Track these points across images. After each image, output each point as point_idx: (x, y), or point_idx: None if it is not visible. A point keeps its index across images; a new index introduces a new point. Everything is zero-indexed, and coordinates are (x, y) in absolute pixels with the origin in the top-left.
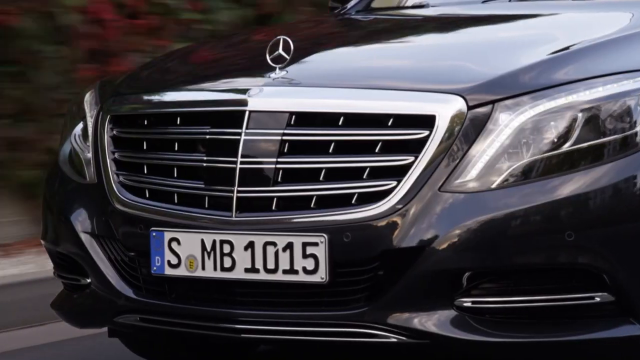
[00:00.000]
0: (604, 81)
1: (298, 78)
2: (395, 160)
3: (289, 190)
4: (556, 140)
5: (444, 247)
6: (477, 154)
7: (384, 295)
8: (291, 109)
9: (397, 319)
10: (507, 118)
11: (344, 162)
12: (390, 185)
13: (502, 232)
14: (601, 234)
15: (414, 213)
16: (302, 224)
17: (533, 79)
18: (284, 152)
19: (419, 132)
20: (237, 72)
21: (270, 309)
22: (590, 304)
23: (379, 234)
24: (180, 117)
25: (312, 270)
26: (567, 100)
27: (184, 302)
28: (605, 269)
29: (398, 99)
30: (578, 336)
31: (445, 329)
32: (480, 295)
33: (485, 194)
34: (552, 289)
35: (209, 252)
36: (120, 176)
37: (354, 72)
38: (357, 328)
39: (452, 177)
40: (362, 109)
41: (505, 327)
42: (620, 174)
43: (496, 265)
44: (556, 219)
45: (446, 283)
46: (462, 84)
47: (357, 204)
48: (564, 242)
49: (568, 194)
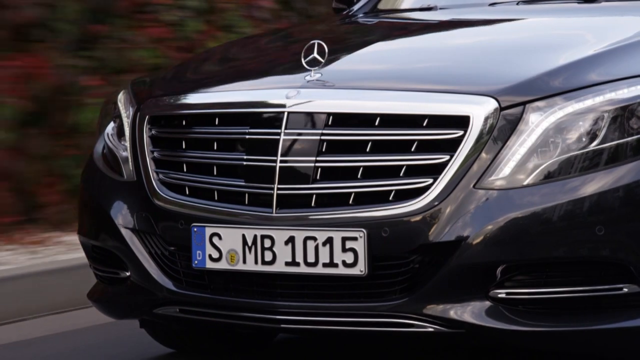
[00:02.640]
0: (628, 83)
1: (333, 80)
2: (431, 158)
3: (328, 188)
4: (584, 139)
5: (478, 241)
6: (509, 152)
7: (420, 287)
8: (328, 110)
9: (433, 309)
10: (538, 118)
11: (381, 161)
12: (427, 182)
13: (533, 227)
14: (628, 228)
15: (449, 209)
16: (342, 220)
17: (562, 81)
18: (323, 151)
19: (454, 132)
20: (273, 74)
21: (309, 300)
22: (617, 294)
23: (416, 229)
24: (219, 118)
25: (351, 264)
26: (594, 101)
27: (223, 294)
28: (632, 261)
29: (433, 101)
30: (606, 325)
31: (480, 319)
32: (513, 287)
33: (517, 191)
34: (581, 281)
35: (250, 247)
36: (159, 174)
37: (386, 75)
38: (394, 318)
39: (485, 175)
40: (397, 110)
41: (537, 316)
42: None
43: (528, 259)
44: (586, 214)
45: (481, 275)
46: (494, 85)
47: (395, 200)
48: (593, 236)
49: (596, 191)
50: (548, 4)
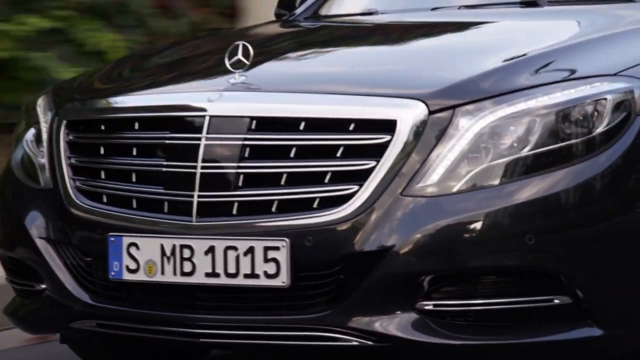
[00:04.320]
0: (562, 86)
1: (258, 83)
2: (357, 164)
3: (250, 195)
4: (516, 144)
5: (405, 250)
6: (438, 158)
7: (345, 299)
8: (252, 114)
9: (358, 322)
10: (468, 123)
11: (306, 167)
12: (352, 189)
13: (462, 236)
14: (560, 238)
15: (375, 217)
16: (264, 229)
17: (493, 84)
18: (245, 157)
19: (380, 137)
20: (196, 77)
21: (230, 313)
22: (549, 306)
23: (341, 238)
24: (139, 122)
25: (273, 275)
26: (526, 105)
27: (142, 307)
28: (564, 272)
29: (359, 104)
30: (537, 338)
31: (406, 332)
32: (441, 299)
33: (446, 198)
34: (511, 292)
35: (169, 257)
36: (76, 181)
37: (313, 78)
38: (318, 332)
39: (413, 181)
40: (323, 114)
41: (465, 329)
42: (577, 178)
43: (456, 269)
44: (516, 222)
45: (407, 286)
46: (423, 89)
47: (319, 208)
48: (523, 246)
49: (527, 198)
50: (490, 9)
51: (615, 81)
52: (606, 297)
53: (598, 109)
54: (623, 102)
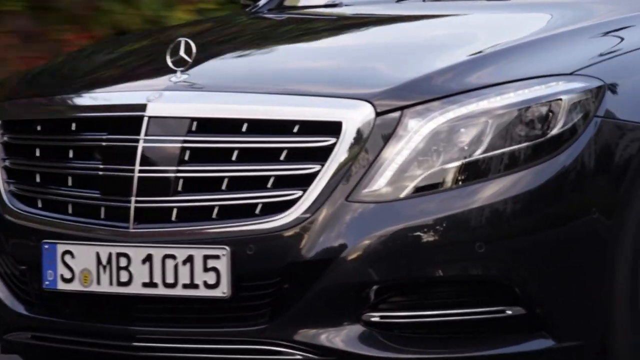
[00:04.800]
0: (515, 86)
1: (200, 82)
2: (301, 168)
3: (190, 200)
4: (467, 147)
5: (350, 259)
6: (385, 162)
7: (289, 310)
8: (192, 115)
9: (303, 335)
10: (417, 125)
11: (248, 171)
12: (296, 195)
13: (410, 244)
14: (512, 245)
15: (319, 224)
16: (203, 236)
17: (444, 83)
18: (185, 160)
19: (325, 140)
20: (136, 76)
21: (169, 325)
22: (501, 317)
23: (284, 246)
24: (76, 123)
25: (213, 285)
26: (478, 106)
27: (78, 318)
28: (517, 282)
29: (304, 105)
30: (489, 351)
31: (352, 345)
32: (388, 310)
33: (393, 204)
34: (462, 303)
35: (105, 266)
36: (10, 185)
37: (259, 76)
38: (261, 345)
39: (359, 186)
40: (266, 115)
41: (414, 342)
42: (530, 182)
43: (404, 278)
44: (466, 229)
45: (353, 297)
46: (370, 89)
47: (261, 214)
48: (473, 254)
49: (478, 204)
50: (457, 1)
51: (572, 81)
52: (561, 307)
53: (553, 110)
54: (579, 103)
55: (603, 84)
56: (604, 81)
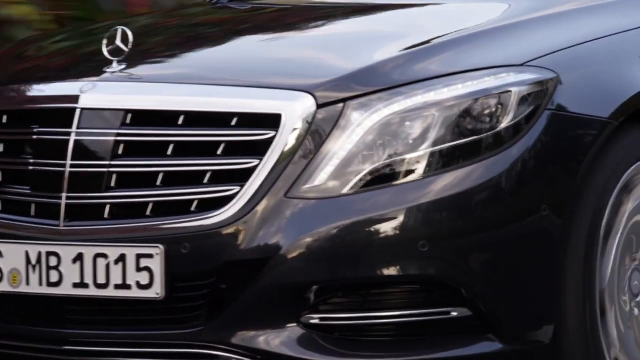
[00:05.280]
0: (464, 78)
1: (137, 73)
2: (239, 163)
3: (123, 197)
4: (411, 141)
5: (289, 258)
6: (327, 156)
7: (225, 312)
8: (126, 107)
9: (240, 338)
10: (360, 117)
11: (184, 166)
12: (233, 191)
13: (352, 242)
14: (457, 244)
15: (257, 222)
16: (136, 234)
17: (389, 75)
18: (118, 154)
19: (263, 133)
20: (72, 66)
21: (102, 328)
22: (447, 319)
23: (220, 245)
24: (7, 116)
25: (146, 285)
26: (424, 98)
27: (8, 321)
28: (462, 282)
29: (242, 97)
30: (434, 355)
31: (290, 349)
32: (329, 312)
33: (335, 201)
34: (406, 304)
35: (34, 266)
36: None
37: (198, 67)
38: (196, 348)
39: (299, 182)
40: (203, 107)
41: (356, 346)
42: (478, 178)
43: (346, 278)
44: (409, 227)
45: (292, 298)
46: (312, 80)
47: (197, 211)
48: (416, 253)
49: (422, 201)
50: None
51: (523, 72)
52: (509, 308)
53: (502, 103)
54: (530, 95)
55: (556, 76)
56: (557, 73)
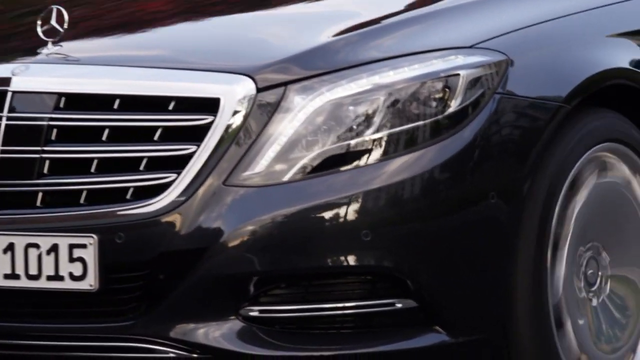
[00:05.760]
0: (410, 60)
1: (72, 55)
2: (176, 149)
3: (56, 184)
4: (356, 127)
5: (227, 248)
6: (267, 142)
7: (162, 304)
8: (60, 90)
9: (177, 331)
10: (302, 102)
11: (119, 152)
12: (170, 178)
13: (293, 232)
14: (401, 233)
15: (194, 210)
16: (69, 223)
17: (332, 57)
18: (51, 139)
19: (202, 118)
20: (2, 47)
21: (33, 321)
22: (391, 311)
23: (156, 234)
24: None
25: (79, 277)
26: (369, 81)
27: None
28: (407, 273)
29: (180, 80)
30: (378, 348)
31: (229, 342)
32: (269, 304)
33: (275, 188)
34: (349, 296)
35: None
36: None
37: (135, 50)
38: (132, 342)
39: (238, 169)
40: (139, 91)
41: (297, 339)
42: (424, 165)
43: (286, 269)
44: (352, 216)
45: (231, 289)
46: (252, 62)
47: (133, 199)
48: (359, 243)
49: (365, 188)
50: None
51: (472, 54)
52: (456, 300)
53: (450, 86)
54: (479, 79)
55: (506, 58)
56: (507, 55)
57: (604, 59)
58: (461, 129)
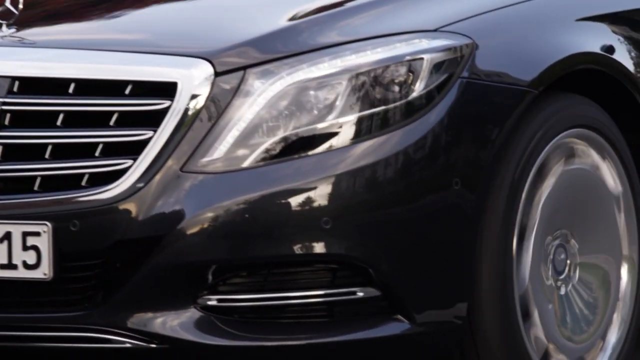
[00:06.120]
0: (373, 44)
1: (27, 37)
2: (132, 135)
3: (9, 170)
4: (317, 112)
5: (183, 236)
6: (225, 128)
7: (118, 293)
8: (13, 74)
9: (134, 321)
10: (262, 86)
11: (74, 137)
12: (126, 164)
13: (252, 220)
14: (362, 220)
15: (151, 197)
16: (23, 210)
17: (293, 41)
18: (4, 124)
19: (158, 103)
20: None
21: None
22: (353, 300)
23: (111, 222)
24: None
25: (33, 265)
26: (330, 65)
27: None
28: (369, 261)
29: (137, 64)
30: (339, 337)
31: (186, 332)
32: (228, 293)
33: (234, 175)
34: (309, 284)
35: None
36: None
37: (91, 33)
38: (88, 332)
39: (197, 155)
40: (95, 75)
41: (257, 328)
42: (387, 151)
43: (245, 258)
44: (312, 203)
45: (189, 278)
46: (211, 46)
47: (88, 186)
48: (319, 231)
49: (326, 174)
50: None
51: (436, 38)
52: (418, 288)
53: (414, 70)
54: (444, 63)
55: (471, 42)
56: (473, 39)
57: (573, 43)
58: (425, 114)
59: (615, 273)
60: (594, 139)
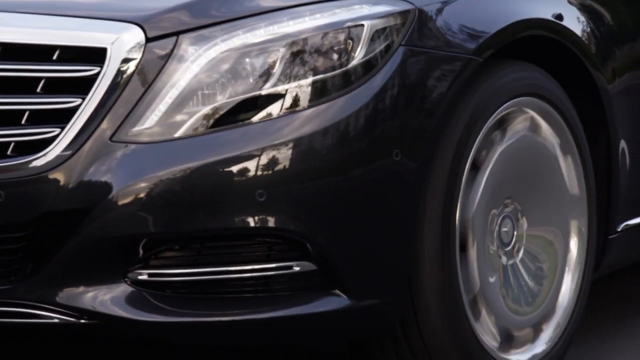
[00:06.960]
0: (312, 10)
1: None
2: (59, 102)
3: None
4: (253, 79)
5: (113, 208)
6: (157, 96)
7: (46, 267)
8: None
9: (62, 295)
10: (195, 53)
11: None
12: (53, 133)
13: (185, 191)
14: (298, 192)
15: (79, 167)
16: None
17: (228, 6)
18: None
19: (87, 69)
20: None
21: None
22: (289, 274)
23: (38, 193)
24: None
25: None
26: (266, 32)
27: None
28: (304, 234)
29: (65, 28)
30: (275, 313)
31: (116, 308)
32: (159, 267)
33: (166, 145)
34: (244, 259)
35: None
36: None
37: None
38: (15, 307)
39: (126, 123)
40: (22, 39)
41: (190, 304)
42: (324, 120)
43: (178, 231)
44: (246, 175)
45: (119, 252)
46: (142, 10)
47: (14, 155)
48: (254, 203)
49: (261, 145)
50: None
51: (377, 4)
52: (356, 262)
53: (353, 37)
54: (385, 30)
55: (413, 8)
56: (415, 5)
57: (520, 9)
58: (365, 83)
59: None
60: (543, 107)
